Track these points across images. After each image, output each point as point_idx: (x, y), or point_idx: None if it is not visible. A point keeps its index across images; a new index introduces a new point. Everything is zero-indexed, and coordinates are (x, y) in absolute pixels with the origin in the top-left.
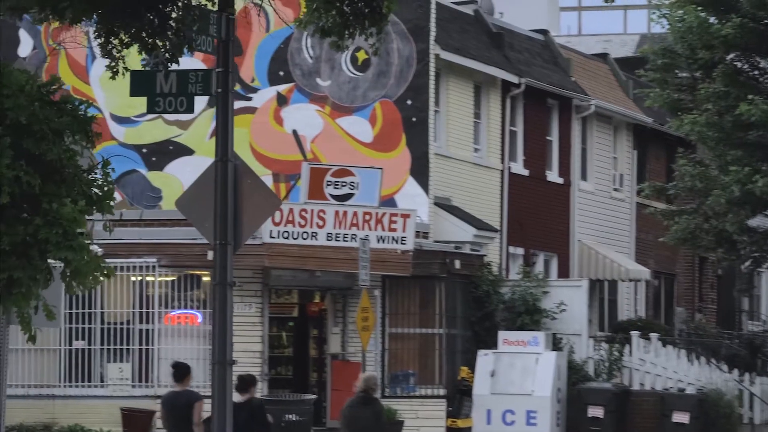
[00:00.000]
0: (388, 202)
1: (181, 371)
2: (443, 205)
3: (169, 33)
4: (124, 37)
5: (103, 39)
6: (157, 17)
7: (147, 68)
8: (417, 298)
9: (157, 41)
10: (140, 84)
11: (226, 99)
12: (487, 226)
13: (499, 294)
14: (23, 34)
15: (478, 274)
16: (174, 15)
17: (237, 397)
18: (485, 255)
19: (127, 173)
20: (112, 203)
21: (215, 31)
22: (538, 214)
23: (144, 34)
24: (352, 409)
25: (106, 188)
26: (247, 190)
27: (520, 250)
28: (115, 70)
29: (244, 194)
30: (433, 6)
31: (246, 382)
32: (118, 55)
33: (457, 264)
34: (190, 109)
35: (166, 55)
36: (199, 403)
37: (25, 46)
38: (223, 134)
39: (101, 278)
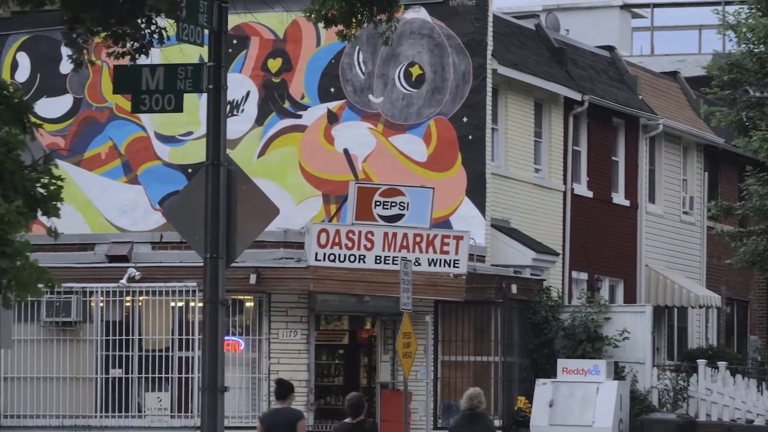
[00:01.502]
0: (443, 224)
1: (284, 388)
2: (501, 227)
3: (142, 20)
4: (90, 25)
5: (67, 26)
6: (130, 3)
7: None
8: (471, 324)
9: (128, 29)
10: (124, 80)
11: (218, 96)
12: (548, 250)
13: (558, 320)
14: (65, 50)
15: (536, 300)
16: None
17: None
18: (544, 279)
19: (173, 194)
20: (59, 205)
21: (206, 20)
22: (603, 238)
23: (113, 21)
24: (459, 428)
25: (52, 187)
26: (242, 198)
27: (584, 275)
28: (79, 62)
29: (238, 202)
30: (490, 19)
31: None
32: (84, 44)
33: (514, 288)
34: (178, 108)
35: (134, 44)
36: (303, 422)
37: (67, 63)
38: (214, 135)
39: (44, 290)
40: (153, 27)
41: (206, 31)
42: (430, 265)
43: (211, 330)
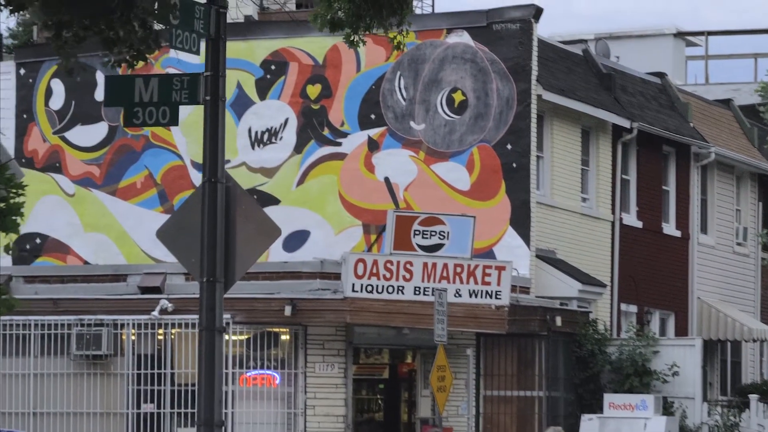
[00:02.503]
0: (487, 254)
1: None
2: (546, 257)
3: (136, 24)
4: (78, 30)
5: (53, 32)
6: (120, 5)
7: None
8: (515, 357)
9: (121, 33)
10: (116, 91)
11: (215, 108)
12: (595, 281)
13: (605, 354)
14: (100, 77)
15: (582, 332)
16: (141, 4)
17: None
18: (590, 312)
19: None
20: (18, 220)
21: (202, 27)
22: (653, 270)
23: (104, 26)
24: None
25: (12, 200)
26: (242, 217)
27: (633, 308)
28: (69, 69)
29: (237, 222)
30: (534, 43)
31: None
32: (71, 51)
33: (559, 321)
34: (173, 121)
35: (128, 55)
36: None
37: (103, 90)
38: (212, 150)
39: (4, 311)
40: (147, 31)
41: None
42: (471, 296)
43: (207, 360)
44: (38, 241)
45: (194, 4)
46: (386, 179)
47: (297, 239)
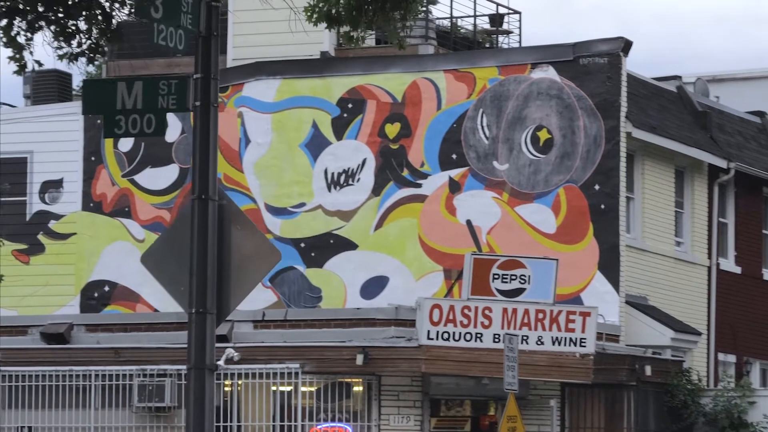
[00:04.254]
0: (574, 300)
1: None
2: (637, 304)
3: (98, 13)
4: (33, 18)
5: (6, 22)
6: None
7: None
8: (602, 409)
9: (80, 24)
10: (95, 97)
11: (206, 115)
12: (689, 329)
13: (698, 405)
14: (171, 117)
15: (674, 382)
16: None
17: None
18: (684, 361)
19: (284, 270)
20: None
21: (190, 22)
22: (753, 318)
23: (62, 15)
24: None
25: None
26: (237, 240)
27: (732, 358)
28: (21, 63)
29: (232, 245)
30: (623, 78)
31: None
32: (26, 42)
33: (649, 370)
34: (160, 131)
35: (84, 45)
36: None
37: (173, 130)
38: (202, 163)
39: None
40: (107, 24)
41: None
42: (554, 344)
43: (196, 404)
44: (107, 288)
45: None
46: (468, 222)
47: (375, 285)
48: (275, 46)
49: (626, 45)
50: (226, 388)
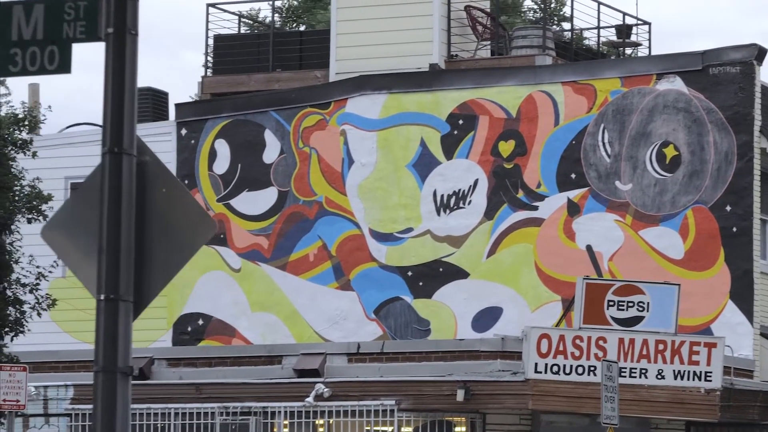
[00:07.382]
0: (704, 332)
1: None
2: None
3: None
4: None
5: None
6: None
7: None
8: None
9: None
10: None
11: (121, 45)
12: None
13: None
14: (269, 136)
15: None
16: None
17: None
18: None
19: (389, 301)
20: None
21: None
22: None
23: None
24: None
25: None
26: (161, 207)
27: None
28: None
29: (154, 213)
30: (757, 89)
31: None
32: None
33: None
34: (64, 67)
35: None
36: None
37: (272, 151)
38: (115, 106)
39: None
40: None
41: None
42: (676, 378)
43: (104, 414)
44: (201, 322)
45: None
46: (588, 247)
47: (488, 317)
48: (381, 59)
49: (760, 52)
50: (321, 429)
